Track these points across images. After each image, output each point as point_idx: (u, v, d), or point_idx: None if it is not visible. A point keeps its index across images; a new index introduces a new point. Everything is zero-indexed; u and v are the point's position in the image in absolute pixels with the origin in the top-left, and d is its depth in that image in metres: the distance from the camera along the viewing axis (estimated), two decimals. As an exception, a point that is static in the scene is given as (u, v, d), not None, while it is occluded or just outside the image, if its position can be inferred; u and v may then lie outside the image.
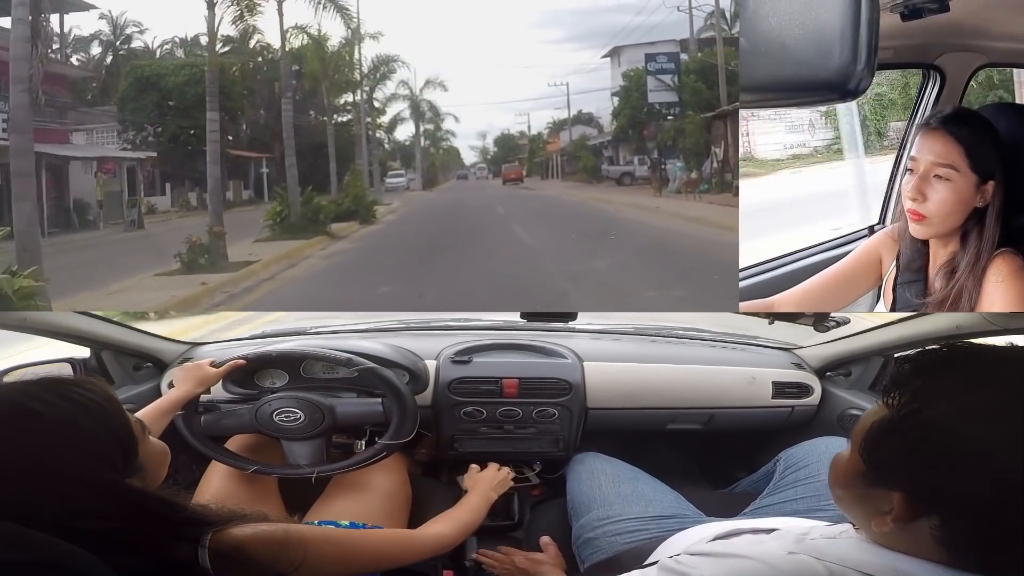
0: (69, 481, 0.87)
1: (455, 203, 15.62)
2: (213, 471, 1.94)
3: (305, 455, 1.89)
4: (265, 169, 14.71)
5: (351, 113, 16.04)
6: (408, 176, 19.89)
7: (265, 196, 13.94)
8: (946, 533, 0.83)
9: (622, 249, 7.86)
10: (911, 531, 0.86)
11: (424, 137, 20.85)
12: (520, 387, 2.22)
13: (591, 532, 1.84)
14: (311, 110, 15.22)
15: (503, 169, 21.08)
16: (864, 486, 0.91)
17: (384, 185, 18.07)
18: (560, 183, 19.07)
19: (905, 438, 0.85)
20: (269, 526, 1.05)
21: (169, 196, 13.82)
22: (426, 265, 7.16)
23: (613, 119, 16.49)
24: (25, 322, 1.95)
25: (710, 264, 5.88)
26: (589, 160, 18.14)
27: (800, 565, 0.94)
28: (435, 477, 2.46)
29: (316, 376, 2.13)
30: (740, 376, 2.37)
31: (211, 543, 0.94)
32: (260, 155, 14.84)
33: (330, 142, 13.92)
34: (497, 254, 7.87)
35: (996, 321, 1.50)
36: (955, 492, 0.81)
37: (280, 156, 15.03)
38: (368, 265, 8.01)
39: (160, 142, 13.04)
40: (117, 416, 0.97)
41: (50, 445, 0.88)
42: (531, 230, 9.61)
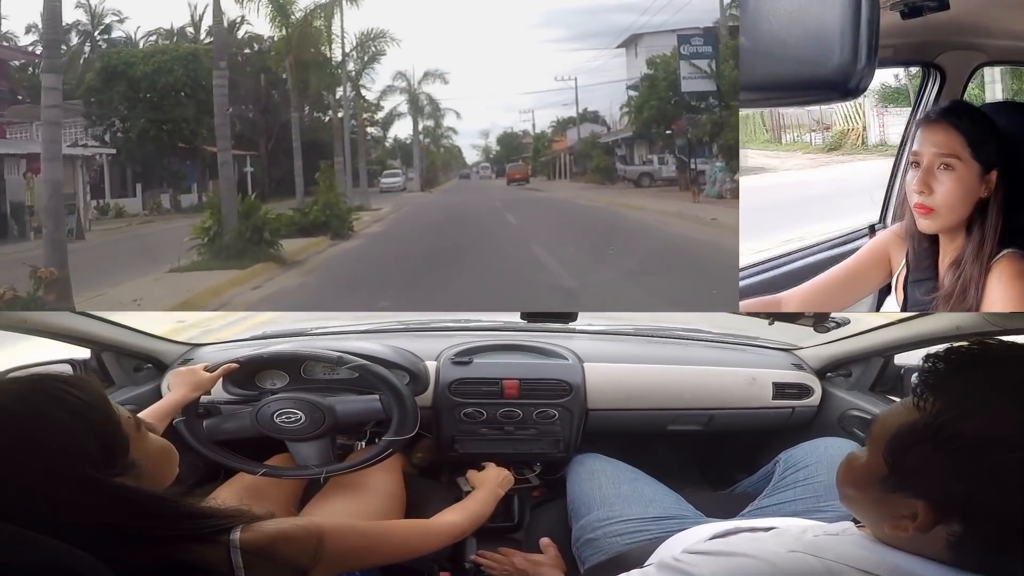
0: (42, 477, 0.87)
1: (456, 208, 13.42)
2: (235, 478, 1.96)
3: (313, 456, 1.90)
4: (250, 168, 12.99)
5: (334, 100, 13.59)
6: (405, 176, 18.45)
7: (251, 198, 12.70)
8: (965, 541, 0.82)
9: (687, 271, 6.09)
10: (927, 536, 0.85)
11: (424, 135, 19.23)
12: (520, 388, 2.22)
13: (591, 533, 1.84)
14: (305, 105, 13.31)
15: (507, 169, 19.79)
16: (884, 490, 0.88)
17: (380, 186, 17.09)
18: (569, 184, 17.76)
19: (938, 445, 0.82)
20: (293, 521, 1.07)
21: (140, 198, 12.35)
22: (408, 302, 5.21)
23: (629, 115, 14.92)
24: (25, 322, 1.95)
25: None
26: (601, 159, 16.59)
27: (799, 563, 0.93)
28: (434, 479, 2.45)
29: (316, 377, 2.13)
30: (740, 377, 2.37)
31: (241, 541, 0.95)
32: (244, 152, 12.95)
33: (295, 134, 11.58)
34: (514, 282, 5.90)
35: (996, 321, 1.49)
36: (986, 502, 0.80)
37: (268, 154, 13.75)
38: (314, 308, 5.72)
39: (128, 138, 11.66)
40: (102, 412, 0.96)
41: (25, 440, 0.88)
42: (551, 247, 7.42)
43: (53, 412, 0.91)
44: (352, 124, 13.50)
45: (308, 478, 1.93)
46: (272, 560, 0.98)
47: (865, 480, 0.92)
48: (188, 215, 10.98)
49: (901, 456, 0.86)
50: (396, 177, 18.11)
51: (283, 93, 12.90)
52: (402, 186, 17.94)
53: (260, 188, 11.86)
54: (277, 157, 13.44)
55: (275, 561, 0.98)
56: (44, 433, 0.89)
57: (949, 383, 0.84)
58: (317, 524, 1.09)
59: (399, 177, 18.20)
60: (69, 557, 0.81)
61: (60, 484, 0.87)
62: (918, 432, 0.84)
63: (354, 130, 13.67)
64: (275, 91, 14.12)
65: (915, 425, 0.84)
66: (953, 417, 0.81)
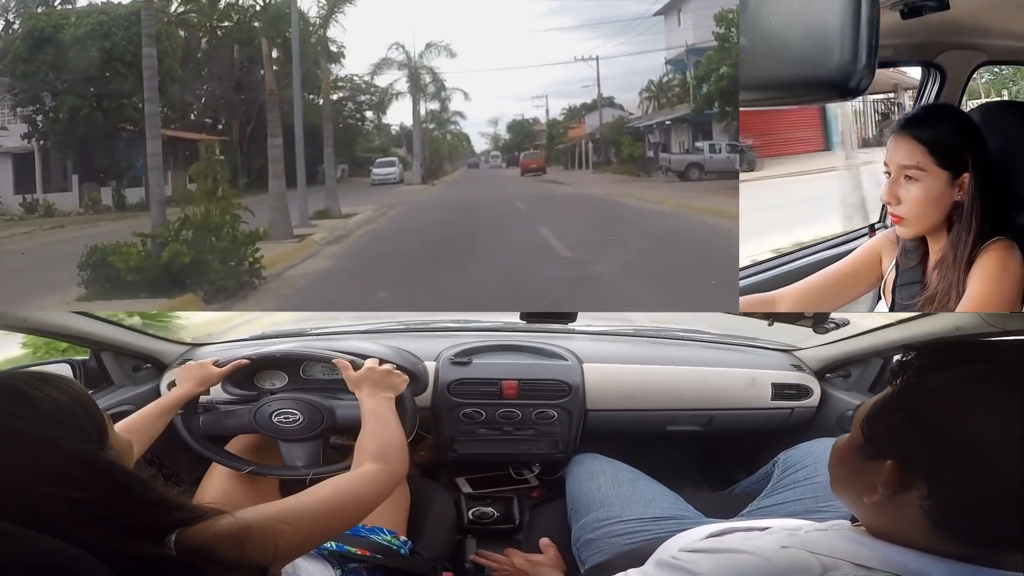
0: (45, 447, 0.88)
1: (461, 210, 9.78)
2: (214, 472, 1.94)
3: (302, 456, 1.89)
4: (219, 155, 10.50)
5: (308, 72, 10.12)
6: (400, 167, 15.24)
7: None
8: (932, 504, 0.85)
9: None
10: (899, 504, 0.88)
11: (428, 120, 16.36)
12: (520, 388, 2.22)
13: (591, 533, 1.84)
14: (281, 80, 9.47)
15: (522, 157, 17.33)
16: (860, 460, 0.94)
17: (372, 178, 14.53)
18: (595, 175, 15.04)
19: (902, 407, 0.90)
20: (231, 521, 1.00)
21: (77, 192, 10.10)
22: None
23: (664, 94, 12.85)
24: (25, 322, 1.95)
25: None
26: (632, 147, 14.13)
27: (793, 558, 0.95)
28: (434, 479, 2.45)
29: (316, 377, 2.13)
30: (740, 378, 2.37)
31: (176, 544, 0.93)
32: (210, 137, 10.28)
33: (270, 115, 8.00)
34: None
35: (996, 322, 1.50)
36: (944, 458, 0.84)
37: (239, 138, 11.23)
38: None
39: (59, 118, 9.36)
40: (91, 401, 0.99)
41: (32, 420, 0.90)
42: (644, 294, 4.59)
43: (51, 394, 0.94)
44: (313, 98, 10.59)
45: (294, 478, 1.90)
46: (215, 563, 0.94)
47: (846, 454, 0.99)
48: (135, 214, 8.78)
49: (873, 422, 0.93)
50: (390, 167, 14.81)
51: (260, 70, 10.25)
52: (398, 177, 14.74)
53: (235, 178, 9.05)
54: (259, 144, 10.17)
55: (219, 564, 0.95)
56: (44, 410, 0.92)
57: (919, 361, 0.92)
58: (260, 519, 1.04)
59: (394, 167, 14.88)
60: (66, 555, 0.81)
61: (58, 453, 0.88)
62: (887, 399, 0.93)
63: (312, 102, 10.28)
64: (252, 66, 11.46)
65: (888, 396, 0.93)
66: (917, 382, 0.90)
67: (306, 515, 1.12)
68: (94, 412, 0.98)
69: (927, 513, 0.86)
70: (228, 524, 0.98)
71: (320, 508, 1.15)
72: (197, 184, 5.80)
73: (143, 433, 1.59)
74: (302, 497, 1.15)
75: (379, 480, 1.32)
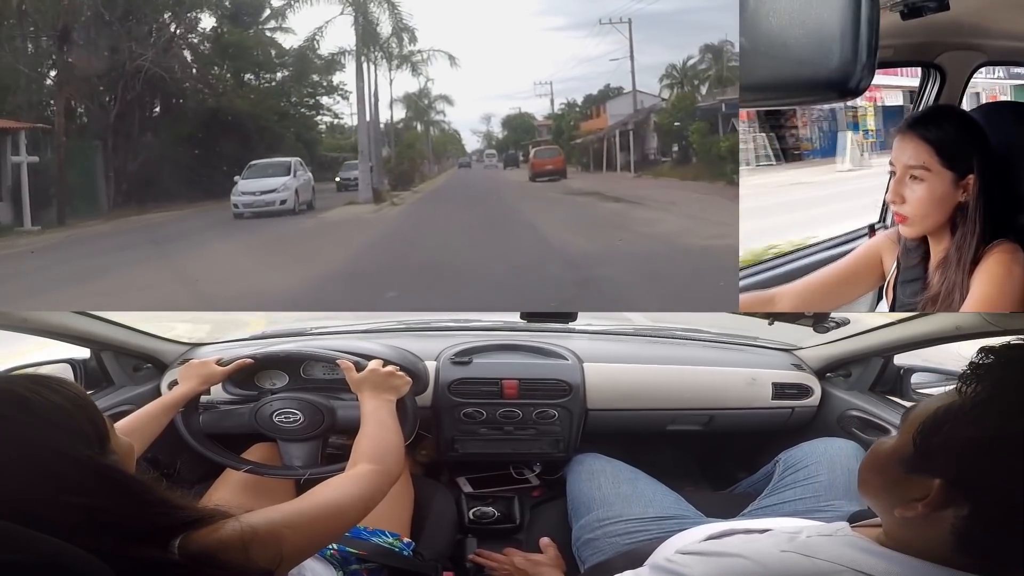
0: (45, 452, 0.88)
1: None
2: (228, 476, 1.94)
3: (300, 456, 1.89)
4: (27, 157, 7.44)
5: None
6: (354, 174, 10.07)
7: (25, 204, 6.69)
8: (968, 524, 0.82)
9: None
10: (931, 521, 0.85)
11: (406, 106, 11.28)
12: (520, 388, 2.22)
13: (591, 533, 1.84)
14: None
15: (533, 156, 12.61)
16: (904, 471, 0.90)
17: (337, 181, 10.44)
18: (639, 180, 10.79)
19: (972, 425, 0.83)
20: (235, 526, 0.99)
21: None
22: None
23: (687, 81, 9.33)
24: (25, 322, 1.95)
25: None
26: (706, 138, 9.65)
27: (792, 563, 0.94)
28: (435, 478, 2.45)
29: (316, 377, 2.13)
30: (740, 377, 2.37)
31: (180, 548, 0.92)
32: (32, 125, 7.76)
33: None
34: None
35: (996, 322, 1.50)
36: (1001, 485, 0.80)
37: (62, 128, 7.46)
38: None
39: None
40: (91, 404, 0.99)
41: (33, 425, 0.90)
42: None
43: (53, 398, 0.93)
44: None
45: (291, 478, 1.89)
46: (220, 570, 0.94)
47: (888, 462, 0.93)
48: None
49: (930, 436, 0.87)
50: (353, 169, 10.29)
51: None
52: (283, 200, 8.63)
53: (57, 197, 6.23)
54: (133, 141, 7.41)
55: (224, 570, 0.94)
56: (47, 416, 0.91)
57: (994, 372, 0.85)
58: (265, 523, 1.03)
59: (354, 171, 10.14)
60: (68, 555, 0.81)
61: (62, 461, 0.88)
62: (954, 412, 0.85)
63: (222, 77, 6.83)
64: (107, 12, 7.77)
65: (951, 406, 0.86)
66: (991, 398, 0.83)
67: (307, 518, 1.12)
68: (94, 415, 0.97)
69: (956, 530, 0.83)
70: (232, 529, 0.98)
71: (320, 510, 1.15)
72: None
73: (144, 432, 1.59)
74: (302, 500, 1.15)
75: (374, 480, 1.32)
